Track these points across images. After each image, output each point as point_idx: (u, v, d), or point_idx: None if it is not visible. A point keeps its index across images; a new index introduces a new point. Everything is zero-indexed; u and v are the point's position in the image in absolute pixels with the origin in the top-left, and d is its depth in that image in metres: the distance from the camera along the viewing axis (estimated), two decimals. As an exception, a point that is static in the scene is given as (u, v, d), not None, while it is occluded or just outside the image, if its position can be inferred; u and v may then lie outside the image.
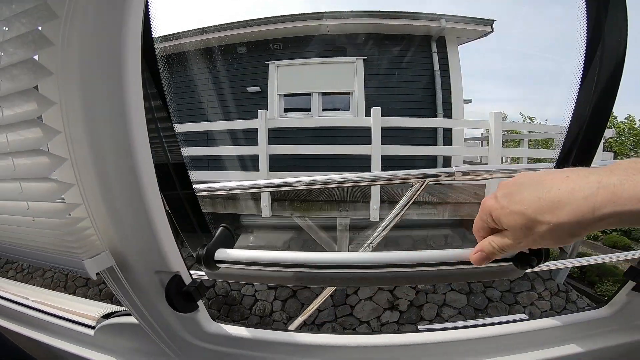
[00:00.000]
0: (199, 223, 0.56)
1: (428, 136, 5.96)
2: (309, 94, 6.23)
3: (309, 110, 6.36)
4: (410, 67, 6.16)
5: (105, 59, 0.38)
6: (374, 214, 4.07)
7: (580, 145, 0.53)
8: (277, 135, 4.84)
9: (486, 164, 4.66)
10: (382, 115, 4.12)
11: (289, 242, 5.21)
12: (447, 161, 5.82)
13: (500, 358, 0.58)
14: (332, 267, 0.50)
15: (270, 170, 4.36)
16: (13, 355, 0.65)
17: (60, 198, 0.43)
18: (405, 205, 0.91)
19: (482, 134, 8.58)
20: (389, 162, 4.18)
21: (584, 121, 0.52)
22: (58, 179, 0.43)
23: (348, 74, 6.18)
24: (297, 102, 6.49)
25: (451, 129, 5.89)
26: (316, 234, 4.58)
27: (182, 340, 0.59)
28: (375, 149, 3.90)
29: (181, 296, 0.52)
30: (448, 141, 5.90)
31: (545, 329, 0.60)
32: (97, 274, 0.46)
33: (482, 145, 8.64)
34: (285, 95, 6.30)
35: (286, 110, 6.39)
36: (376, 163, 4.02)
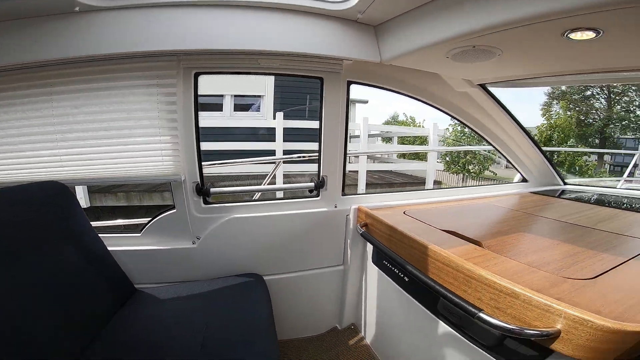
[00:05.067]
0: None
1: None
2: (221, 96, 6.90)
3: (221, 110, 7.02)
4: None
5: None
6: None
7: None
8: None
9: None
10: (285, 118, 5.21)
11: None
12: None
13: None
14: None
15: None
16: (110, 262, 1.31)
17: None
18: (271, 174, 1.97)
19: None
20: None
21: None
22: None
23: (261, 79, 7.08)
24: (210, 101, 7.08)
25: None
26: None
27: (194, 216, 1.49)
28: (279, 145, 4.98)
29: (199, 191, 1.45)
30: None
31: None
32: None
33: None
34: (200, 95, 6.82)
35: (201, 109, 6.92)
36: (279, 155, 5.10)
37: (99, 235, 1.30)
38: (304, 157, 1.96)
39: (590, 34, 0.92)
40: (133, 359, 1.01)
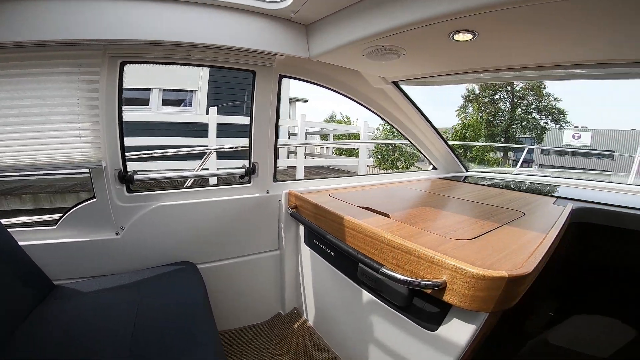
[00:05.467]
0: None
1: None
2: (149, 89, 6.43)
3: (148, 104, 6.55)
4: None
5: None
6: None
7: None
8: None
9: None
10: (220, 114, 5.08)
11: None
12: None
13: None
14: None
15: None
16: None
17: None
18: (202, 163, 1.97)
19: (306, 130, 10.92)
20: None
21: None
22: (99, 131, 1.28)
23: (194, 74, 6.77)
24: (139, 95, 6.54)
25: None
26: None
27: (116, 205, 1.42)
28: (212, 141, 4.85)
29: (123, 178, 1.39)
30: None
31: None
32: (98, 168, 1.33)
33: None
34: (126, 89, 6.28)
35: (127, 103, 6.36)
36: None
37: (8, 229, 1.18)
38: (236, 147, 1.99)
39: (468, 36, 1.11)
40: (52, 356, 0.95)
